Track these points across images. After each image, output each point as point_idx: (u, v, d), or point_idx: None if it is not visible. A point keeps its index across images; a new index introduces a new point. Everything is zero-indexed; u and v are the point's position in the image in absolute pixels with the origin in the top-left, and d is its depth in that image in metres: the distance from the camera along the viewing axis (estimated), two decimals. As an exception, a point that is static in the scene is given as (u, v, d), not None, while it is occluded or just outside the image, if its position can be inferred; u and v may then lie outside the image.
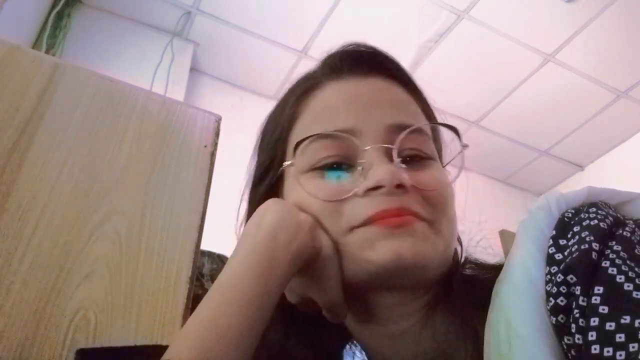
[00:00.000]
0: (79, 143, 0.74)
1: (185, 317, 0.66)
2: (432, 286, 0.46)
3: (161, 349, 0.36)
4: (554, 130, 2.96)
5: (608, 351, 0.30)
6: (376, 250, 0.42)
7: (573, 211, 0.40)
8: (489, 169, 3.15)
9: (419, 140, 0.47)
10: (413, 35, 2.38)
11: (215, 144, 0.84)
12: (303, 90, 0.52)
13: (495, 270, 0.44)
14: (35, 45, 2.00)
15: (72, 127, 0.75)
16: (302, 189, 0.46)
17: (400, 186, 0.43)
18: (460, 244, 0.51)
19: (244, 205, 0.57)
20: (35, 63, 0.77)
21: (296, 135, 0.50)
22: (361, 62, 0.51)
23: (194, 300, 0.69)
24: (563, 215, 0.40)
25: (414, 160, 0.47)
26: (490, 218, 0.55)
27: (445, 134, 0.53)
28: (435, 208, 0.45)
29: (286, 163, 0.49)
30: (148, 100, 0.83)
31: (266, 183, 0.53)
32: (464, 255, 0.51)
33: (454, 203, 0.48)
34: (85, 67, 0.83)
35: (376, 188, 0.43)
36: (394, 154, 0.44)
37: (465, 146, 0.49)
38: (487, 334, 0.38)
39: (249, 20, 2.43)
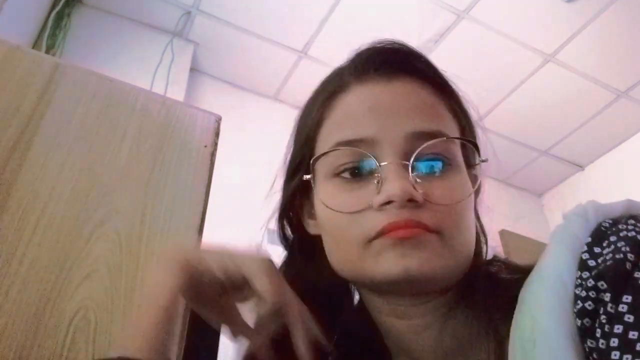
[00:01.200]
0: (79, 143, 0.74)
1: (184, 317, 0.66)
2: (449, 289, 0.47)
3: None
4: (554, 130, 2.96)
5: (627, 358, 0.31)
6: (386, 262, 0.44)
7: (611, 221, 0.40)
8: (489, 169, 3.15)
9: (440, 147, 0.48)
10: (413, 35, 2.38)
11: (215, 144, 0.84)
12: (330, 92, 0.53)
13: (523, 272, 0.45)
14: (35, 45, 2.00)
15: (72, 127, 0.75)
16: (324, 199, 0.48)
17: (412, 200, 0.44)
18: (486, 242, 0.53)
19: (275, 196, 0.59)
20: (35, 63, 0.77)
21: (322, 138, 0.51)
22: (388, 63, 0.51)
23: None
24: (600, 224, 0.40)
25: (433, 169, 0.47)
26: (490, 218, 0.55)
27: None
28: (447, 220, 0.45)
29: (307, 177, 0.51)
30: (148, 100, 0.83)
31: (296, 182, 0.55)
32: (489, 252, 0.52)
33: (471, 211, 0.49)
34: (85, 67, 0.83)
35: (388, 202, 0.44)
36: (409, 169, 0.45)
37: (483, 161, 0.51)
38: (512, 332, 0.39)
39: (249, 20, 2.43)
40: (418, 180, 0.45)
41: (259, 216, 0.64)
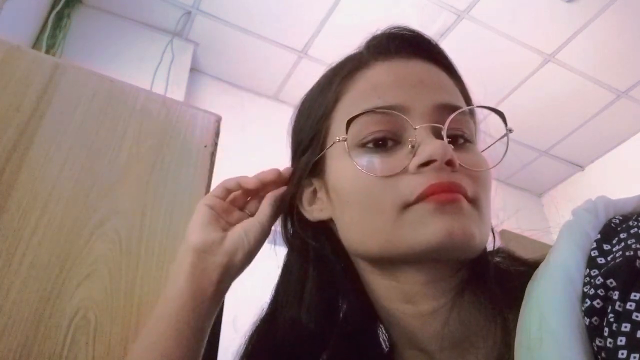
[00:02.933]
0: (79, 143, 0.74)
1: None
2: (460, 269, 0.47)
3: None
4: (554, 130, 2.95)
5: (634, 357, 0.30)
6: (430, 227, 0.42)
7: (621, 217, 0.40)
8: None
9: (463, 122, 0.48)
10: (413, 35, 2.38)
11: (215, 144, 0.84)
12: (349, 70, 0.52)
13: (528, 266, 0.44)
14: (35, 45, 2.00)
15: (72, 127, 0.75)
16: (355, 164, 0.46)
17: (450, 163, 0.44)
18: (492, 231, 0.52)
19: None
20: (35, 63, 0.77)
21: (341, 113, 0.50)
22: (407, 44, 0.52)
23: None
24: (610, 221, 0.40)
25: (457, 141, 0.48)
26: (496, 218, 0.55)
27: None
28: (479, 189, 0.46)
29: (339, 138, 0.48)
30: (148, 100, 0.83)
31: (307, 160, 0.53)
32: (495, 243, 0.52)
33: (491, 190, 0.49)
34: (85, 67, 0.83)
35: (427, 163, 0.43)
36: (444, 134, 0.45)
37: (510, 130, 0.51)
38: (518, 326, 0.38)
39: (249, 20, 2.43)
40: (451, 146, 0.45)
41: (259, 216, 0.64)
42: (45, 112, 0.73)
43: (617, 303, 0.33)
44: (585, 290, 0.36)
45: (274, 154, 0.68)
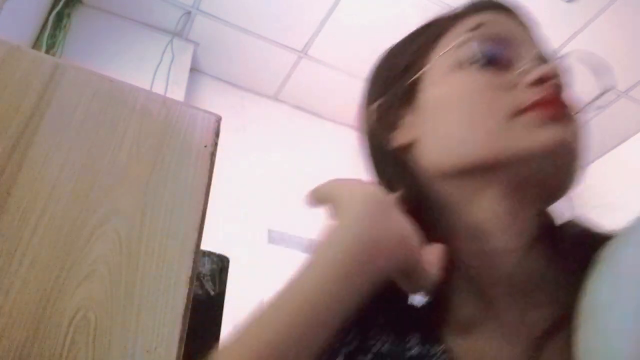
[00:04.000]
0: (79, 143, 0.74)
1: (184, 317, 0.66)
2: (540, 214, 0.46)
3: None
4: (554, 130, 2.95)
5: None
6: (541, 133, 0.42)
7: None
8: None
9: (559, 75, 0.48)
10: (413, 35, 2.38)
11: (215, 144, 0.84)
12: (449, 16, 0.52)
13: (602, 237, 0.42)
14: (35, 45, 2.00)
15: (72, 127, 0.75)
16: (464, 74, 0.45)
17: (559, 87, 0.44)
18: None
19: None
20: (35, 63, 0.77)
21: (446, 43, 0.49)
22: (499, 6, 0.52)
23: (193, 300, 0.69)
24: None
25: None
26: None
27: None
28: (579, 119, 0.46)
29: (446, 49, 0.47)
30: (148, 100, 0.83)
31: (401, 86, 0.50)
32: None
33: None
34: (86, 67, 0.83)
35: (540, 82, 0.43)
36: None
37: (612, 87, 0.51)
38: (586, 291, 0.36)
39: (249, 20, 2.43)
40: None
41: (259, 216, 0.64)
42: (45, 112, 0.73)
43: None
44: None
45: (274, 154, 0.68)
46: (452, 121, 0.46)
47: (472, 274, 0.45)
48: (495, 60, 0.45)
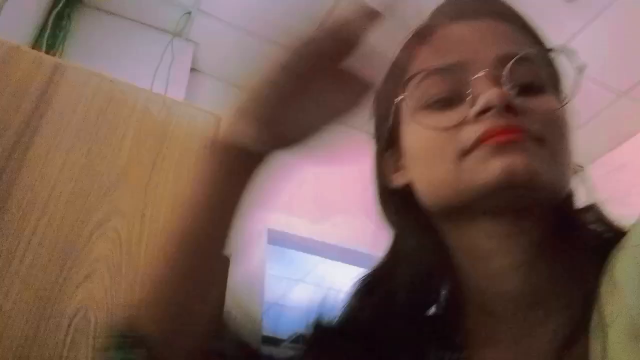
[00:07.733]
0: (79, 143, 0.74)
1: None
2: (540, 220, 0.45)
3: None
4: (554, 130, 2.95)
5: None
6: (487, 167, 0.41)
7: None
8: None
9: (531, 70, 0.47)
10: (413, 35, 2.38)
11: (215, 144, 0.84)
12: (415, 40, 0.52)
13: (615, 231, 0.42)
14: (35, 45, 2.00)
15: (72, 127, 0.75)
16: (417, 124, 0.47)
17: (510, 109, 0.42)
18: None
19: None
20: (35, 63, 0.77)
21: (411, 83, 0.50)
22: (469, 5, 0.52)
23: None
24: None
25: (528, 90, 0.46)
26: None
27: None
28: (549, 127, 0.44)
29: (400, 96, 0.49)
30: (148, 100, 0.83)
31: (384, 129, 0.53)
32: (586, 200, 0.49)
33: (570, 135, 0.47)
34: (86, 67, 0.83)
35: (485, 111, 0.43)
36: (503, 80, 0.44)
37: (582, 67, 0.47)
38: (598, 299, 0.36)
39: (249, 20, 2.43)
40: (512, 92, 0.43)
41: (259, 216, 0.64)
42: (45, 112, 0.73)
43: None
44: None
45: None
46: (420, 171, 0.48)
47: (482, 295, 0.47)
48: (447, 100, 0.46)
